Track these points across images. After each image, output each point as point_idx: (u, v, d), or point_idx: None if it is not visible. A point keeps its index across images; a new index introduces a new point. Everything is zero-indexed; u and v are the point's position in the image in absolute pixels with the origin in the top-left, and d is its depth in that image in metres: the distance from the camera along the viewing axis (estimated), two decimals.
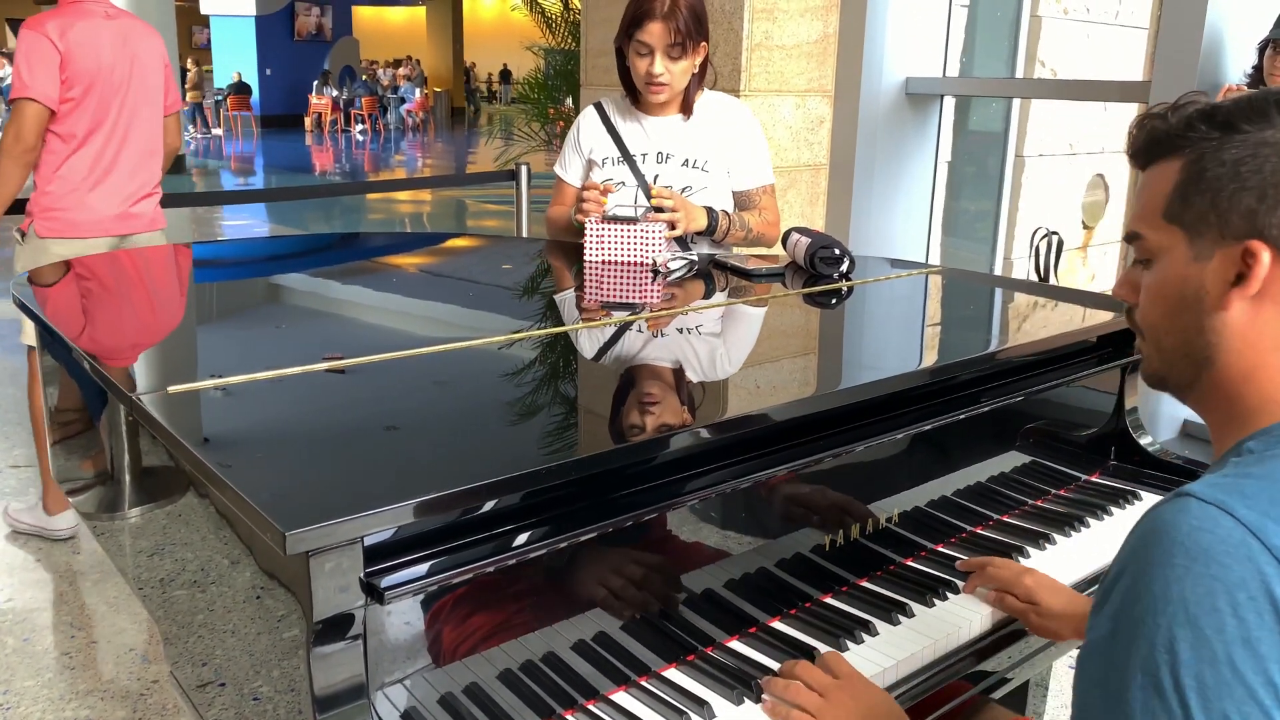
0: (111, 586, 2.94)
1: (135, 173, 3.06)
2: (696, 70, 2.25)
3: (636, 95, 2.32)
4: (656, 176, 2.30)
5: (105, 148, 2.98)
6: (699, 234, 2.29)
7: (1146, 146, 0.91)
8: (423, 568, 0.99)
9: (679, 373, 1.50)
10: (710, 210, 2.26)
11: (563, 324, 1.86)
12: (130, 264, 2.42)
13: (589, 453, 1.17)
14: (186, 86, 19.43)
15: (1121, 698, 0.73)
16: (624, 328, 1.74)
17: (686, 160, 2.30)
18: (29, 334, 3.02)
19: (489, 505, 1.05)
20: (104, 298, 2.12)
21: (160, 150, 3.17)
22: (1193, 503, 0.74)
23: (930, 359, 1.69)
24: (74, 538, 3.20)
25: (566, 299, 2.08)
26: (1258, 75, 2.80)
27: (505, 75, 28.24)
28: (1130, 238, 0.93)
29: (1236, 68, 2.89)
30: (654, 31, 2.16)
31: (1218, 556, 0.71)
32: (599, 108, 2.40)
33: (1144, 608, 0.72)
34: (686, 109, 2.31)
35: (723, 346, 1.70)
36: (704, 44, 2.23)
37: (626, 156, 2.32)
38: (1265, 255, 0.82)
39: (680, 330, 1.74)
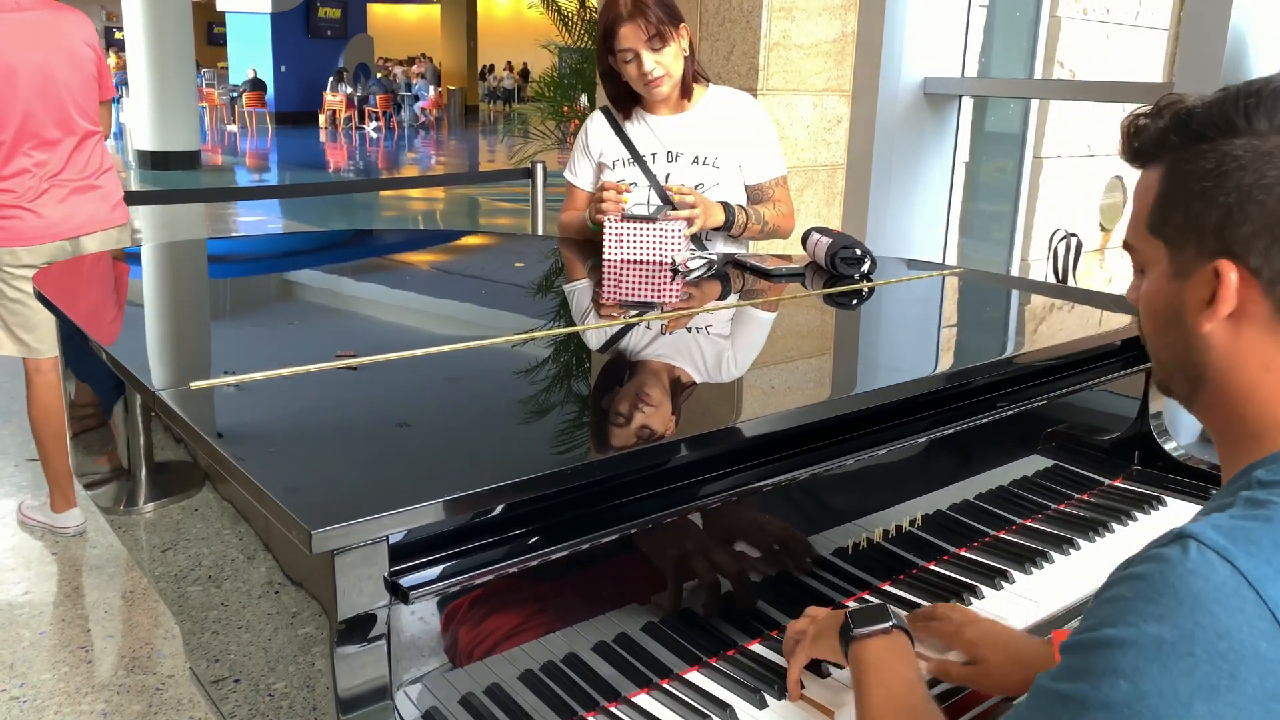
0: (128, 580, 2.95)
1: (72, 171, 2.94)
2: (686, 52, 2.25)
3: (639, 98, 2.32)
4: (668, 175, 2.29)
5: (40, 149, 2.86)
6: (716, 230, 2.28)
7: (1132, 150, 0.87)
8: (447, 567, 0.98)
9: (699, 374, 1.49)
10: (727, 205, 2.26)
11: (581, 323, 1.85)
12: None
13: (614, 453, 1.16)
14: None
15: (1067, 700, 0.71)
16: (644, 328, 1.73)
17: (697, 158, 2.30)
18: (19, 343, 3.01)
19: (516, 504, 1.04)
20: (118, 295, 2.12)
21: (100, 145, 3.04)
22: (1192, 545, 0.70)
23: (952, 362, 1.67)
24: (84, 533, 3.21)
25: (586, 297, 2.07)
26: None
27: (524, 73, 28.28)
28: (1126, 247, 0.89)
29: (1260, 70, 2.86)
30: (629, 35, 2.17)
31: (1207, 605, 0.67)
32: (606, 111, 2.40)
33: (1118, 634, 0.70)
34: (686, 93, 2.30)
35: (742, 348, 1.68)
36: (682, 25, 2.23)
37: (636, 157, 2.32)
38: (1232, 275, 0.77)
39: (699, 331, 1.73)
